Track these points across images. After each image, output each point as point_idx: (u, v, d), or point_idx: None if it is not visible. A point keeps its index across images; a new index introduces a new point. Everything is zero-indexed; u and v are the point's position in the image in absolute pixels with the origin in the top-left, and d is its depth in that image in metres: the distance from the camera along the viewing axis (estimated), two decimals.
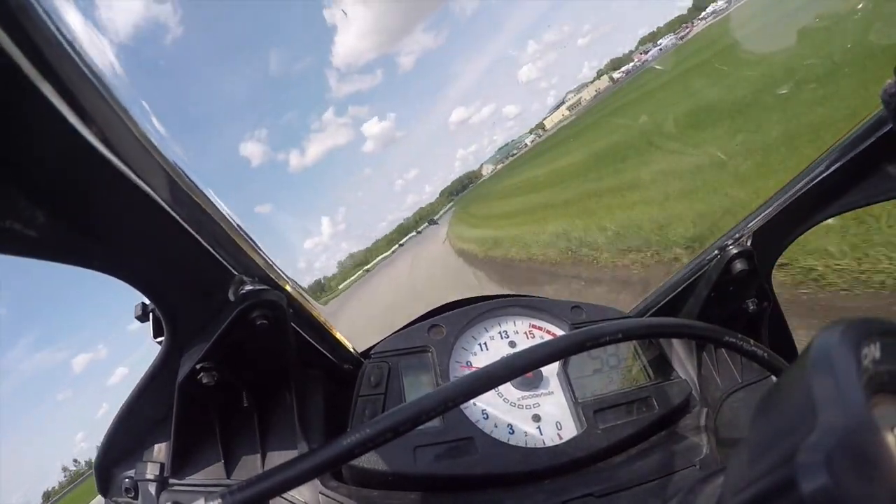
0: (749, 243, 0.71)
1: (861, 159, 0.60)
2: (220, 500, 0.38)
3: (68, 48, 0.31)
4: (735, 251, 0.70)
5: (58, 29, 0.31)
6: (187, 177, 0.42)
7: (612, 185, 8.17)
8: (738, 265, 0.70)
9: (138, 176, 0.37)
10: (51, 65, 0.30)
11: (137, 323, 0.58)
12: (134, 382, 0.56)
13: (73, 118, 0.31)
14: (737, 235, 0.72)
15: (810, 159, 0.66)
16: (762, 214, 0.70)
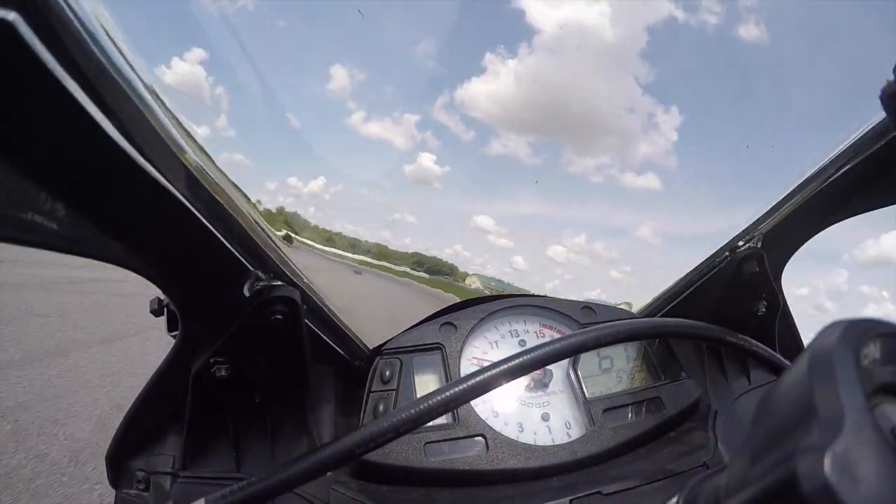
0: (759, 245, 0.71)
1: (870, 162, 0.60)
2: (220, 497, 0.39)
3: (90, 41, 0.32)
4: (745, 253, 0.70)
5: (81, 23, 0.31)
6: (206, 171, 0.43)
7: None
8: (749, 267, 0.70)
9: (157, 170, 0.37)
10: (73, 58, 0.31)
11: None
12: None
13: (93, 111, 0.32)
14: (747, 237, 0.72)
15: None
16: (772, 216, 0.70)
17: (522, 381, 0.68)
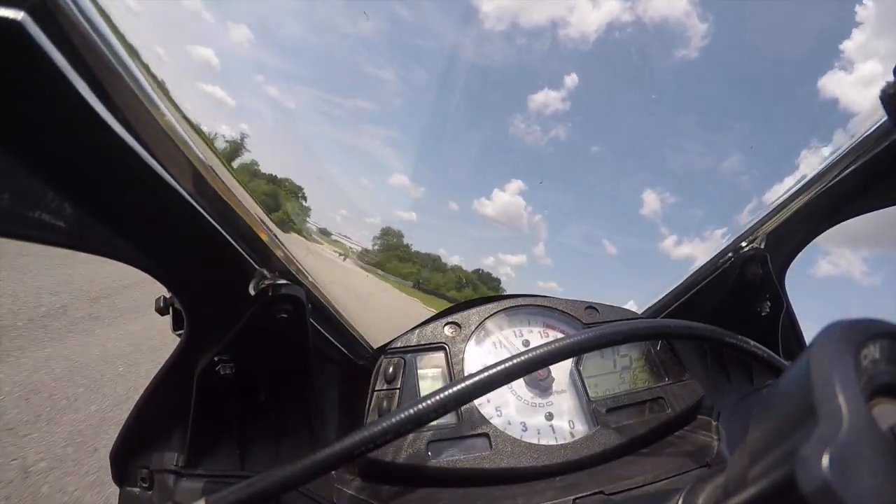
0: (763, 246, 0.71)
1: (873, 163, 0.60)
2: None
3: (100, 43, 0.32)
4: (749, 254, 0.70)
5: (89, 22, 0.32)
6: (212, 169, 0.43)
7: None
8: (752, 268, 0.70)
9: (164, 168, 0.37)
10: (81, 56, 0.31)
11: None
12: None
13: (100, 109, 0.32)
14: (750, 238, 0.72)
15: None
16: (776, 217, 0.70)
17: (526, 381, 0.68)
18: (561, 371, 0.70)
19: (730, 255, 0.72)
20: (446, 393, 0.43)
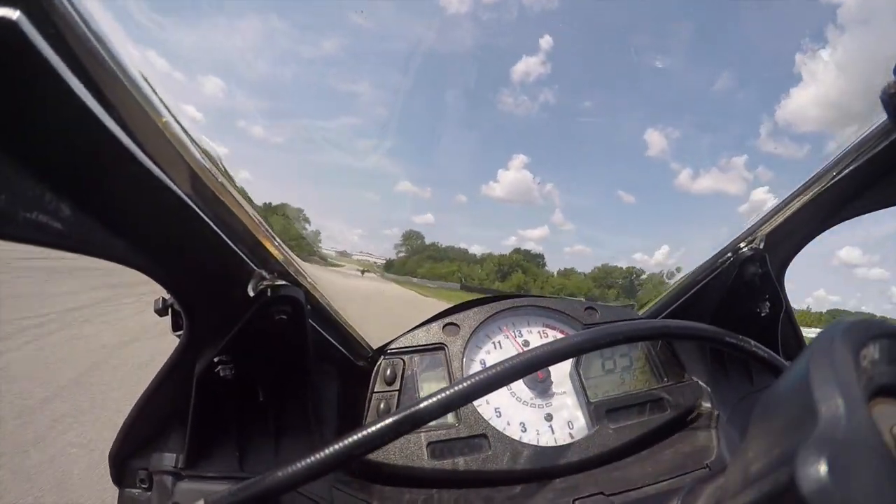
0: (762, 246, 0.71)
1: (873, 163, 0.60)
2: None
3: (96, 43, 0.32)
4: (748, 254, 0.70)
5: (86, 23, 0.31)
6: (210, 171, 0.43)
7: None
8: (751, 268, 0.70)
9: (162, 170, 0.37)
10: (77, 57, 0.31)
11: None
12: None
13: (97, 110, 0.32)
14: (749, 238, 0.72)
15: None
16: (775, 216, 0.70)
17: (526, 382, 0.68)
18: (561, 372, 0.70)
19: (729, 255, 0.72)
20: (445, 394, 0.43)
